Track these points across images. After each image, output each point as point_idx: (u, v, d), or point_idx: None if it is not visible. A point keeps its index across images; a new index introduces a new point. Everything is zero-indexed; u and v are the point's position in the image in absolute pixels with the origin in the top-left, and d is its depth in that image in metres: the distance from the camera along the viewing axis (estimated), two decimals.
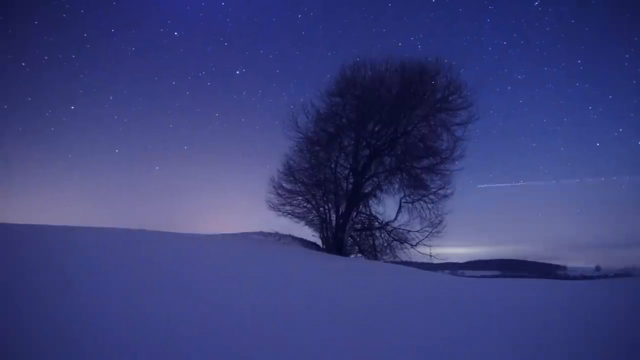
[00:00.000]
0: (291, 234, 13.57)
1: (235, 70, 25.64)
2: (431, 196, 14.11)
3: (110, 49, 23.29)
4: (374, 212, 14.72)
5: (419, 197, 14.21)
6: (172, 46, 25.19)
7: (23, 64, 19.96)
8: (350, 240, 14.40)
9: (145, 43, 24.01)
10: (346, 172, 14.45)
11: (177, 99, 25.64)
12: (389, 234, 14.28)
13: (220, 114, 26.38)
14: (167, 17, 24.59)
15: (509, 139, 27.59)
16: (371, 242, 14.45)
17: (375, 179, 14.56)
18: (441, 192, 14.05)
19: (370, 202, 14.65)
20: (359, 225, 14.70)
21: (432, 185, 14.21)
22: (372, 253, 14.30)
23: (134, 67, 24.27)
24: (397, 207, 14.32)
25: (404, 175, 14.33)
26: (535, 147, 27.15)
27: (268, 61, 27.73)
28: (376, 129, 14.37)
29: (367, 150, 14.36)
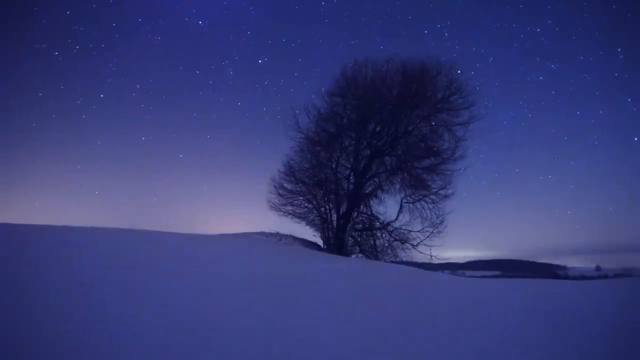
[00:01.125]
0: (292, 234, 13.62)
1: (258, 59, 25.44)
2: (432, 196, 14.19)
3: (137, 39, 23.67)
4: (374, 212, 14.79)
5: (420, 197, 14.27)
6: (196, 35, 25.19)
7: (56, 53, 20.56)
8: (351, 241, 14.44)
9: (170, 32, 24.44)
10: (347, 172, 14.50)
11: (201, 88, 25.86)
12: (390, 234, 14.33)
13: (243, 103, 26.76)
14: (192, 6, 24.48)
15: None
16: (372, 242, 14.49)
17: (376, 179, 14.62)
18: (442, 192, 14.13)
19: (371, 202, 14.71)
20: (360, 226, 14.75)
21: (433, 186, 14.28)
22: (373, 253, 14.33)
23: (160, 56, 24.65)
24: (398, 207, 14.39)
25: (405, 175, 14.38)
26: (534, 146, 27.18)
27: (290, 50, 27.45)
28: (377, 129, 14.41)
29: (368, 150, 14.41)
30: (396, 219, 14.28)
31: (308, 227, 14.58)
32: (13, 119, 22.11)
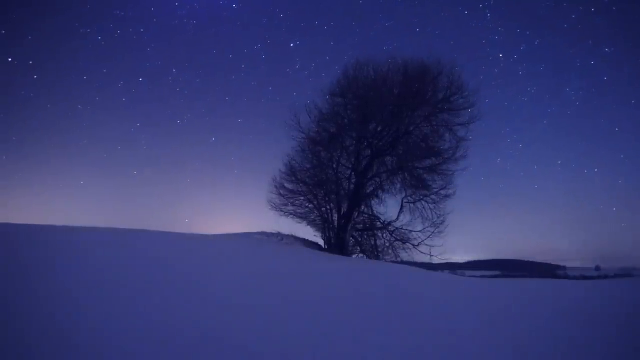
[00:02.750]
0: (293, 234, 13.65)
1: (290, 43, 25.73)
2: (433, 196, 14.20)
3: (173, 23, 24.12)
4: (375, 213, 14.81)
5: (421, 197, 14.29)
6: (230, 18, 25.54)
7: (99, 37, 21.34)
8: (352, 241, 14.46)
9: (205, 16, 24.85)
10: (348, 172, 14.50)
11: (234, 72, 26.21)
12: (391, 234, 14.36)
13: (274, 87, 26.73)
14: None
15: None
16: (373, 242, 14.52)
17: (377, 179, 14.61)
18: (443, 192, 14.14)
19: (372, 202, 14.73)
20: (361, 226, 14.76)
21: (433, 186, 14.29)
22: (374, 253, 14.36)
23: (195, 40, 25.11)
24: (398, 208, 14.42)
25: (406, 175, 14.38)
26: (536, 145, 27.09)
27: (323, 33, 27.42)
28: (378, 129, 14.43)
29: (369, 150, 14.42)
30: (397, 219, 14.33)
31: (309, 227, 14.63)
32: (60, 102, 22.72)
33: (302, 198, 14.48)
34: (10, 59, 19.54)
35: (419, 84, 13.96)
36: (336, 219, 14.05)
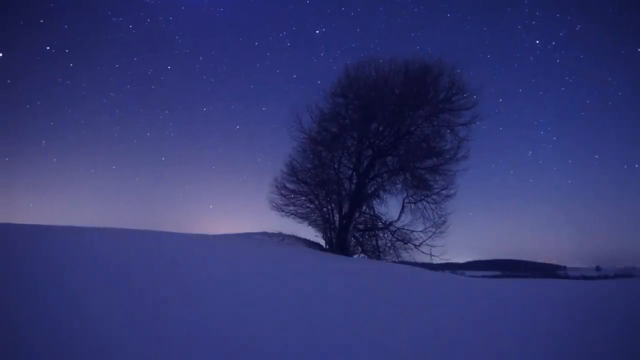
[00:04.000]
0: (294, 234, 13.69)
1: (315, 30, 25.71)
2: (434, 196, 14.21)
3: (201, 10, 24.86)
4: (377, 213, 14.84)
5: (422, 197, 14.30)
6: (255, 5, 26.01)
7: (130, 26, 22.25)
8: (353, 241, 14.50)
9: (231, 4, 25.56)
10: (349, 172, 14.52)
11: (259, 59, 26.52)
12: (392, 234, 14.38)
13: (298, 75, 27.15)
14: None
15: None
16: (374, 242, 14.55)
17: (378, 179, 14.63)
18: (444, 192, 14.15)
19: (374, 202, 14.75)
20: (362, 226, 14.79)
21: (435, 186, 14.29)
22: (375, 253, 14.39)
23: (223, 28, 25.75)
24: (400, 208, 14.43)
25: (407, 175, 14.39)
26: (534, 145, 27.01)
27: (349, 19, 27.22)
28: (380, 128, 14.45)
29: (370, 150, 14.43)
30: (398, 219, 14.35)
31: (310, 227, 14.65)
32: (94, 87, 23.34)
33: (304, 198, 14.51)
34: (48, 47, 20.28)
35: (420, 83, 13.97)
36: (337, 219, 14.07)
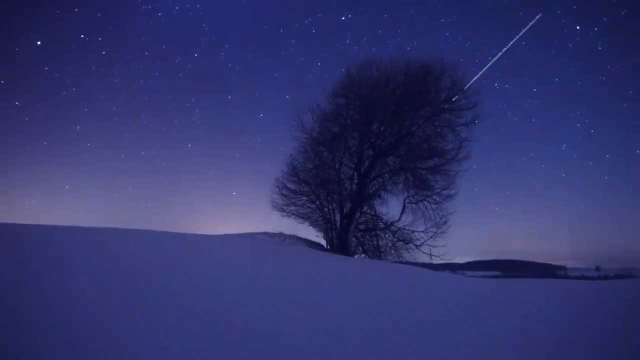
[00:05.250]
0: (296, 234, 13.73)
1: (341, 17, 25.34)
2: (435, 196, 14.22)
3: None
4: (378, 213, 14.86)
5: (423, 197, 14.32)
6: None
7: (160, 14, 22.75)
8: (354, 241, 14.53)
9: None
10: (350, 172, 14.55)
11: (284, 48, 26.63)
12: (393, 235, 14.41)
13: (322, 62, 27.07)
14: None
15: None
16: (375, 242, 14.58)
17: (379, 180, 14.66)
18: (445, 192, 14.16)
19: (375, 202, 14.77)
20: (363, 226, 14.81)
21: (436, 186, 14.30)
22: (376, 253, 14.43)
23: (247, 15, 25.92)
24: (401, 208, 14.45)
25: (408, 175, 14.41)
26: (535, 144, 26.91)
27: (375, 5, 27.01)
28: (381, 129, 14.47)
29: (372, 150, 14.46)
30: (399, 219, 14.38)
31: (311, 227, 14.69)
32: (125, 74, 23.58)
33: (305, 198, 14.56)
34: (82, 35, 20.79)
35: (422, 84, 13.99)
36: (338, 219, 14.10)
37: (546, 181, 27.54)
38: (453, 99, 14.13)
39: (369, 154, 14.49)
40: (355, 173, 14.45)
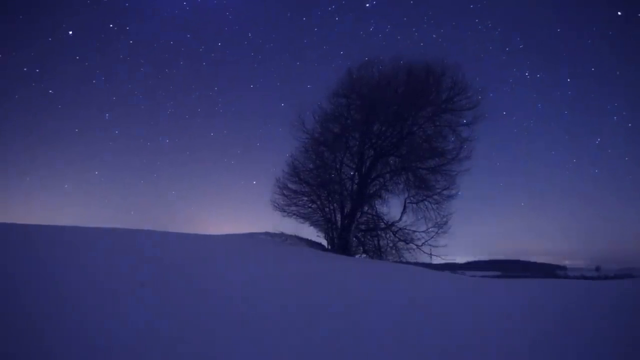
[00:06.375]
0: (297, 235, 13.77)
1: (365, 3, 24.83)
2: (435, 196, 14.24)
3: None
4: (379, 213, 14.88)
5: (424, 197, 14.34)
6: None
7: (184, 3, 23.06)
8: (355, 241, 14.56)
9: None
10: (351, 172, 14.59)
11: (307, 36, 26.35)
12: (394, 235, 14.43)
13: (345, 51, 26.52)
14: None
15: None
16: (376, 242, 14.60)
17: (380, 180, 14.69)
18: (446, 192, 14.18)
19: (375, 202, 14.79)
20: (364, 226, 14.84)
21: (437, 186, 14.32)
22: (377, 253, 14.46)
23: (270, 3, 25.90)
24: (401, 208, 14.48)
25: (409, 175, 14.43)
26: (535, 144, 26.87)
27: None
28: (382, 129, 14.49)
29: (372, 150, 14.48)
30: (400, 219, 14.40)
31: (312, 227, 14.69)
32: (151, 63, 24.05)
33: (306, 198, 14.57)
34: (111, 25, 21.51)
35: (423, 84, 14.00)
36: (339, 219, 14.13)
37: (549, 181, 27.46)
38: (454, 99, 14.16)
39: (370, 154, 14.52)
40: (356, 173, 14.48)
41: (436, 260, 14.09)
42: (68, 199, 22.50)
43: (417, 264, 13.56)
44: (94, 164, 24.67)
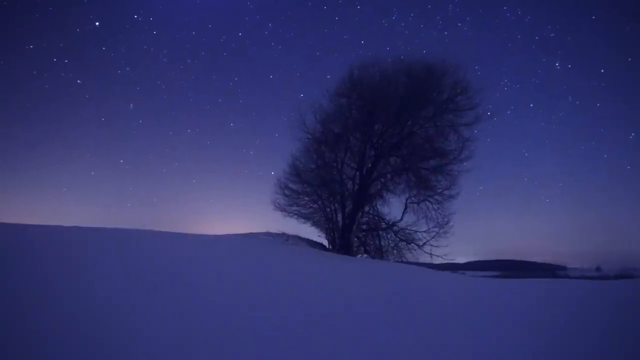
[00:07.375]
0: (298, 235, 13.81)
1: None
2: (436, 197, 14.26)
3: None
4: (380, 213, 14.90)
5: (425, 197, 14.36)
6: None
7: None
8: (356, 241, 14.59)
9: None
10: (352, 172, 14.59)
11: (327, 25, 26.30)
12: (395, 235, 14.45)
13: (366, 41, 26.28)
14: None
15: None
16: (377, 242, 14.63)
17: (381, 180, 14.71)
18: (447, 192, 14.19)
19: (377, 202, 14.81)
20: (365, 226, 14.86)
21: (438, 186, 14.34)
22: (378, 253, 14.47)
23: None
24: (403, 208, 14.50)
25: (410, 175, 14.45)
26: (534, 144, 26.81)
27: None
28: (383, 129, 14.49)
29: (374, 150, 14.48)
30: (401, 219, 14.42)
31: (313, 227, 14.73)
32: (173, 54, 24.24)
33: (307, 198, 14.60)
34: (135, 16, 21.56)
35: (424, 84, 14.00)
36: (340, 219, 14.15)
37: (551, 180, 27.38)
38: (455, 99, 14.17)
39: (371, 154, 14.52)
40: (358, 173, 14.48)
41: (437, 261, 14.13)
42: (67, 199, 22.57)
43: (418, 264, 13.59)
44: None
